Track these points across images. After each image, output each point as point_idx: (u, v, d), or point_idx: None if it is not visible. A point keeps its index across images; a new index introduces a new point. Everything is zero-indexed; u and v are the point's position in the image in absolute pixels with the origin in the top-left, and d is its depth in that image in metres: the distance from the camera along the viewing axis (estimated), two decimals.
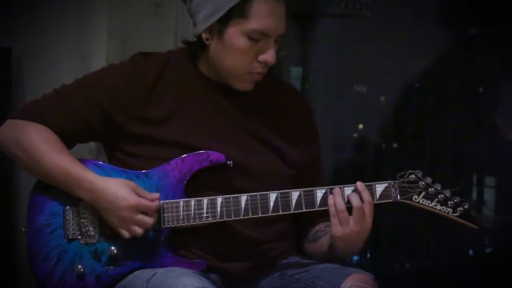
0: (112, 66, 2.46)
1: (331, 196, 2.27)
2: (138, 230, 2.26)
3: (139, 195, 2.26)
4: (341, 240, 2.27)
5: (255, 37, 2.28)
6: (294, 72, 4.35)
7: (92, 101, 2.34)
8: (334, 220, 2.25)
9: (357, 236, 2.26)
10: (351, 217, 2.25)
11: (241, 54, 2.30)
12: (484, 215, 4.26)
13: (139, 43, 3.20)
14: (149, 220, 2.26)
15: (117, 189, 2.26)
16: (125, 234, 2.27)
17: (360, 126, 4.37)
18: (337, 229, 2.25)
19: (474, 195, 4.19)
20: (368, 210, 2.25)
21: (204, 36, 2.33)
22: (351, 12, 4.21)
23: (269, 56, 2.30)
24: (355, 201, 2.25)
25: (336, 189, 2.27)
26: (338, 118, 4.30)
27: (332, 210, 2.25)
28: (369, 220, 2.25)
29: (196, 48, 2.37)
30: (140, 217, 2.25)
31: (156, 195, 2.29)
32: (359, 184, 2.28)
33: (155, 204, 2.27)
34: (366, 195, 2.26)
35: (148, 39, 3.26)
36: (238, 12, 2.27)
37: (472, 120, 4.23)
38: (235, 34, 2.28)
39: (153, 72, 2.37)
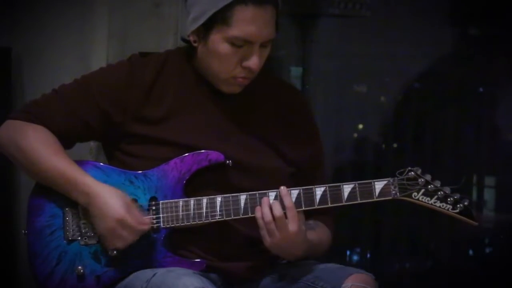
0: (110, 66, 2.46)
1: (258, 207, 2.25)
2: (118, 245, 2.26)
3: (130, 212, 2.25)
4: (274, 249, 2.26)
5: (237, 44, 2.27)
6: (294, 72, 4.34)
7: (90, 101, 2.34)
8: (263, 232, 2.24)
9: (286, 242, 2.24)
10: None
11: (224, 59, 2.29)
12: (484, 215, 4.26)
13: (139, 43, 3.20)
14: (129, 238, 2.26)
15: (110, 199, 2.25)
16: (106, 244, 2.27)
17: (360, 126, 4.37)
18: (266, 240, 2.24)
19: (474, 195, 4.19)
20: (290, 215, 2.23)
21: (191, 38, 2.33)
22: (351, 12, 4.20)
23: (251, 62, 2.29)
24: (276, 210, 2.23)
25: (264, 199, 2.25)
26: (338, 118, 4.29)
27: (260, 223, 2.24)
28: (292, 225, 2.22)
29: (191, 48, 2.37)
30: (123, 232, 2.24)
31: (147, 220, 2.27)
32: (281, 189, 2.25)
33: (139, 227, 2.26)
34: (286, 200, 2.24)
35: (148, 39, 3.26)
36: (220, 18, 2.26)
37: (472, 120, 4.22)
38: (218, 40, 2.28)
39: (151, 72, 2.37)
